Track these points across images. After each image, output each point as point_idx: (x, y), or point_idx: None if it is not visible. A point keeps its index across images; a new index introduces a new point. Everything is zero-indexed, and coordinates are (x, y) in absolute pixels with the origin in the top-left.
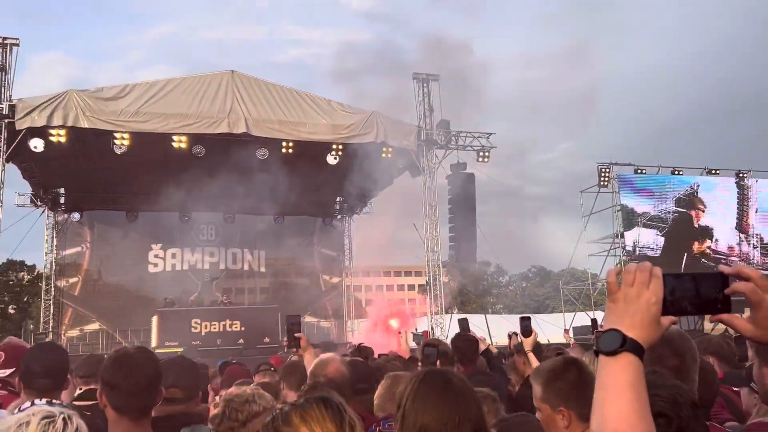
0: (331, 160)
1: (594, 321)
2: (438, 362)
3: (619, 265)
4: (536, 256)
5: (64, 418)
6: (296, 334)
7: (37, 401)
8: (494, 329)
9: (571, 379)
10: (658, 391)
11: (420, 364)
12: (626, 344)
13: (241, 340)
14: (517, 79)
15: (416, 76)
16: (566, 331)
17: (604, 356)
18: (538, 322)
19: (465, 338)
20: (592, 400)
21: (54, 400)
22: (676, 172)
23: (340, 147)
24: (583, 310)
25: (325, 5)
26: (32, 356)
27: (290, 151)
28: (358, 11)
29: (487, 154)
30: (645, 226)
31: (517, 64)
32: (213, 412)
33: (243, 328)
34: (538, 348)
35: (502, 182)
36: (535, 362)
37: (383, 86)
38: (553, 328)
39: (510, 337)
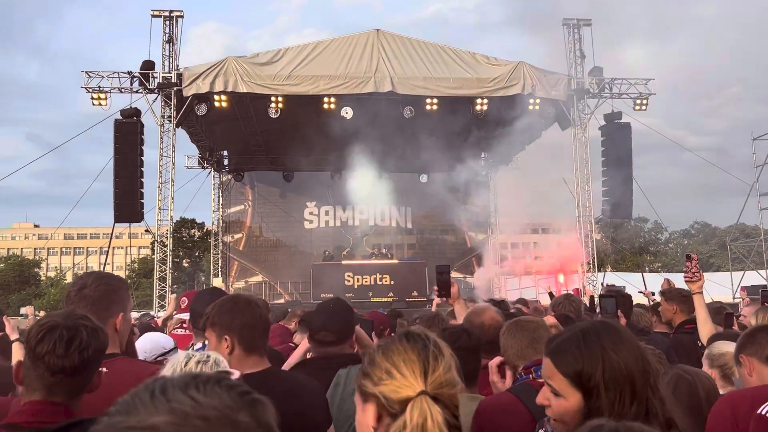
0: (476, 114)
1: None
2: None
3: None
4: (700, 211)
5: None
6: (450, 279)
7: (198, 345)
8: (652, 288)
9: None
10: None
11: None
12: None
13: (390, 293)
14: (682, 18)
15: (566, 22)
16: (743, 288)
17: None
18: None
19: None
20: None
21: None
22: None
23: (485, 101)
24: (753, 269)
25: None
26: (194, 300)
27: (434, 107)
28: None
29: (645, 101)
30: None
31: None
32: None
33: (392, 282)
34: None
35: (661, 132)
36: (703, 308)
37: (530, 35)
38: (718, 288)
39: (666, 281)
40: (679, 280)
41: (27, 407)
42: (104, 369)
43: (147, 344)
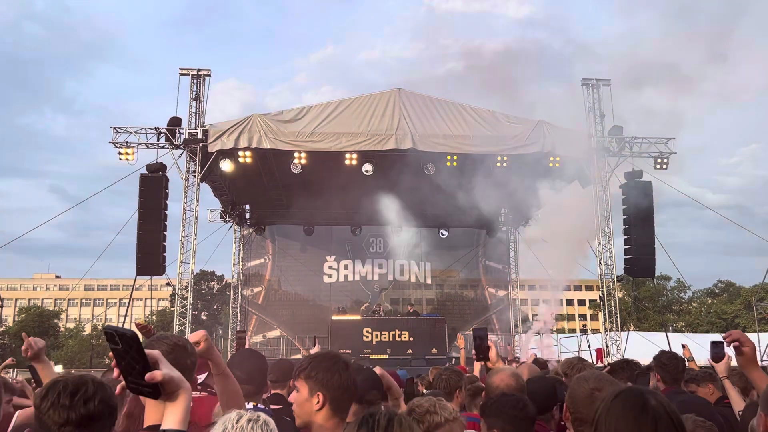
0: (496, 171)
1: None
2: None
3: None
4: (723, 270)
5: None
6: (488, 343)
7: (247, 405)
8: (677, 349)
9: None
10: None
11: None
12: None
13: (409, 350)
14: (700, 76)
15: (585, 82)
16: None
17: None
18: (726, 343)
19: (671, 355)
20: None
21: (258, 405)
22: None
23: (505, 158)
24: None
25: (478, 17)
26: (235, 363)
27: (454, 164)
28: (515, 20)
29: (665, 160)
30: None
31: (694, 59)
32: None
33: (411, 339)
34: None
35: (682, 191)
36: (733, 390)
37: (549, 94)
38: None
39: (683, 347)
40: (702, 341)
41: None
42: None
43: None
